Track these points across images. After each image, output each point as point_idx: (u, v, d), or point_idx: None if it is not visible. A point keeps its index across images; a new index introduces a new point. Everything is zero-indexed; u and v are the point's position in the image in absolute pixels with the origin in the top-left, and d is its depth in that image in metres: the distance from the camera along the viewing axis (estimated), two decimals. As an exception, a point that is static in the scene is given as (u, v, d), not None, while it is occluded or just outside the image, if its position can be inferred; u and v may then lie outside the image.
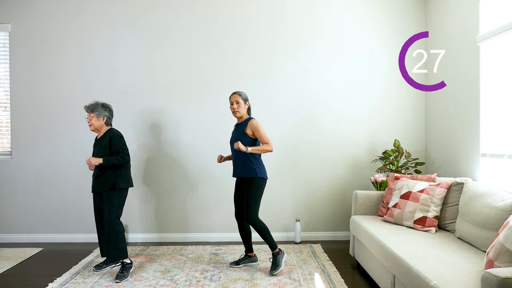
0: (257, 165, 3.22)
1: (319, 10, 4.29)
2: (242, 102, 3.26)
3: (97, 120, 3.25)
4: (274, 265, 3.23)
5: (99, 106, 3.28)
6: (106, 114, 3.30)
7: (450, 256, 2.31)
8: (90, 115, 3.25)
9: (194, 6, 4.25)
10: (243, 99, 3.27)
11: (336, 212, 4.34)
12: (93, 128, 3.27)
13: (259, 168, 3.22)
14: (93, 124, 3.25)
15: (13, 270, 3.40)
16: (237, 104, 3.24)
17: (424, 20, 4.30)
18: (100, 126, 3.28)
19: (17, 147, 4.25)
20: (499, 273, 1.57)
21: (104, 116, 3.28)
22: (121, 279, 3.07)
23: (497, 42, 3.06)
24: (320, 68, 4.29)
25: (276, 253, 3.25)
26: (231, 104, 3.27)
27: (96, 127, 3.26)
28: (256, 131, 3.21)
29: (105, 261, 3.37)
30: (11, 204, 4.26)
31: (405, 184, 3.23)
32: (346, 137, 4.31)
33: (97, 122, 3.26)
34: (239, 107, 3.25)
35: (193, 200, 4.29)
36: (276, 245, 3.26)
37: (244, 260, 3.42)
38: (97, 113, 3.25)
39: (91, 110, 3.25)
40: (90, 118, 3.25)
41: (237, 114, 3.26)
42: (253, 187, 3.20)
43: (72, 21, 4.24)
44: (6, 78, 4.27)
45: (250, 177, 3.21)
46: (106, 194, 3.18)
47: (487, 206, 2.47)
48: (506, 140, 2.97)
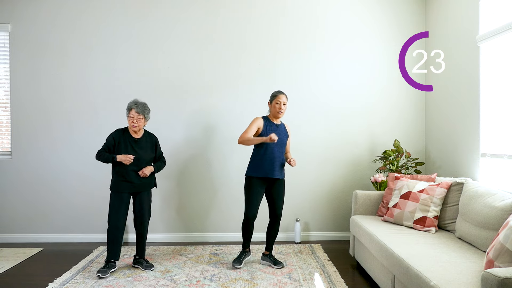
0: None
1: (319, 10, 4.29)
2: (287, 103, 3.38)
3: (144, 122, 3.28)
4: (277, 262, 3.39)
5: (147, 108, 3.29)
6: (149, 117, 3.34)
7: (450, 256, 2.31)
8: (139, 116, 3.21)
9: (194, 6, 4.25)
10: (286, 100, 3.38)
11: (336, 212, 4.34)
12: (138, 129, 3.25)
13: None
14: (139, 125, 3.24)
15: (13, 270, 3.40)
16: (284, 106, 3.33)
17: (424, 20, 4.30)
18: (142, 128, 3.33)
19: (17, 147, 4.25)
20: (499, 273, 1.57)
21: (148, 119, 3.32)
22: (151, 268, 3.33)
23: (497, 42, 3.06)
24: (320, 68, 4.29)
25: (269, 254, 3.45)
26: (277, 103, 3.30)
27: (140, 128, 3.28)
28: (289, 138, 3.48)
29: (107, 265, 3.23)
30: (11, 204, 4.26)
31: (405, 184, 3.23)
32: (346, 137, 4.31)
33: (143, 124, 3.28)
34: (285, 108, 3.35)
35: (193, 200, 4.28)
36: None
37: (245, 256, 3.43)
38: (146, 115, 3.27)
39: (141, 111, 3.23)
40: (138, 118, 3.21)
41: (280, 114, 3.34)
42: (284, 186, 3.44)
43: (72, 21, 4.24)
44: (6, 78, 4.27)
45: (283, 178, 3.40)
46: (147, 193, 3.35)
47: (487, 206, 2.47)
48: (506, 140, 2.97)
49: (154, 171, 3.34)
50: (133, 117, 3.21)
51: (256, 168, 3.28)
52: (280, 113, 3.31)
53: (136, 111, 3.20)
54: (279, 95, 3.30)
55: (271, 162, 3.26)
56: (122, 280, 3.11)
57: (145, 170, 3.25)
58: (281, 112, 3.30)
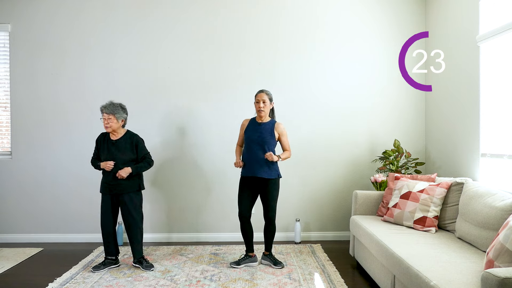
0: (277, 166, 3.34)
1: (319, 10, 4.29)
2: (268, 101, 3.29)
3: (116, 122, 3.24)
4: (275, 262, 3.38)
5: (119, 108, 3.26)
6: (125, 116, 3.31)
7: (450, 256, 2.31)
8: (109, 116, 3.20)
9: (194, 6, 4.25)
10: (269, 99, 3.30)
11: (336, 212, 4.34)
12: (111, 130, 3.24)
13: (278, 169, 3.35)
14: (111, 126, 3.22)
15: (13, 270, 3.40)
16: (264, 103, 3.26)
17: (424, 20, 4.30)
18: (118, 128, 3.28)
19: (17, 147, 4.25)
20: (499, 273, 1.57)
21: (123, 118, 3.28)
22: (150, 268, 3.31)
23: (497, 42, 3.06)
24: (320, 68, 4.29)
25: (269, 254, 3.43)
26: (257, 102, 3.27)
27: (114, 128, 3.25)
28: (283, 136, 3.35)
29: (104, 262, 3.35)
30: (11, 204, 4.25)
31: (405, 184, 3.23)
32: (346, 137, 4.31)
33: (116, 124, 3.25)
34: (265, 106, 3.27)
35: (193, 200, 4.28)
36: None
37: (245, 260, 3.43)
38: (118, 115, 3.23)
39: (111, 112, 3.20)
40: (108, 119, 3.20)
41: (262, 113, 3.28)
42: (277, 188, 3.33)
43: (72, 21, 4.24)
44: (6, 78, 4.27)
45: (274, 178, 3.29)
46: (129, 196, 3.27)
47: (487, 206, 2.47)
48: (506, 140, 2.96)
49: (132, 172, 3.23)
50: (105, 118, 3.23)
51: (245, 168, 3.32)
52: (261, 111, 3.26)
53: (105, 112, 3.22)
54: (258, 94, 3.28)
55: (256, 161, 3.26)
56: (122, 280, 3.11)
57: (121, 172, 3.19)
58: (261, 111, 3.26)
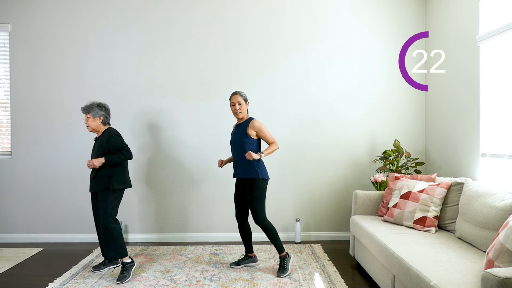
0: (258, 166, 3.17)
1: (319, 10, 4.29)
2: (243, 102, 3.23)
3: (93, 120, 3.24)
4: (282, 268, 3.20)
5: (94, 106, 3.26)
6: (102, 113, 3.28)
7: (450, 256, 2.31)
8: (86, 116, 3.25)
9: (194, 6, 4.25)
10: (244, 99, 3.25)
11: (336, 212, 4.34)
12: (91, 129, 3.27)
13: (260, 169, 3.18)
14: (89, 125, 3.25)
15: (13, 270, 3.40)
16: (239, 105, 3.21)
17: (424, 20, 4.30)
18: (98, 126, 3.27)
19: (17, 147, 4.25)
20: (499, 273, 1.57)
21: (100, 116, 3.26)
22: (122, 281, 3.04)
23: (497, 42, 3.06)
24: (320, 68, 4.29)
25: (283, 257, 3.23)
26: (233, 105, 3.23)
27: (93, 127, 3.26)
28: (260, 131, 3.21)
29: (104, 262, 3.37)
30: (11, 204, 4.26)
31: (405, 184, 3.23)
32: (346, 137, 4.31)
33: (94, 122, 3.25)
34: (241, 107, 3.22)
35: (193, 200, 4.28)
36: (283, 248, 3.24)
37: (244, 260, 3.42)
38: (93, 113, 3.23)
39: (86, 111, 3.25)
40: (86, 119, 3.25)
41: (239, 115, 3.23)
42: (256, 189, 3.16)
43: (72, 21, 4.24)
44: (6, 78, 4.27)
45: (252, 179, 3.17)
46: (100, 194, 3.17)
47: (487, 206, 2.47)
48: (506, 140, 2.96)
49: (105, 162, 3.12)
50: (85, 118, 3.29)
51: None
52: (237, 113, 3.23)
53: (83, 112, 3.27)
54: (233, 96, 3.24)
55: (236, 163, 3.28)
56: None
57: (94, 160, 3.13)
58: (237, 113, 3.22)
